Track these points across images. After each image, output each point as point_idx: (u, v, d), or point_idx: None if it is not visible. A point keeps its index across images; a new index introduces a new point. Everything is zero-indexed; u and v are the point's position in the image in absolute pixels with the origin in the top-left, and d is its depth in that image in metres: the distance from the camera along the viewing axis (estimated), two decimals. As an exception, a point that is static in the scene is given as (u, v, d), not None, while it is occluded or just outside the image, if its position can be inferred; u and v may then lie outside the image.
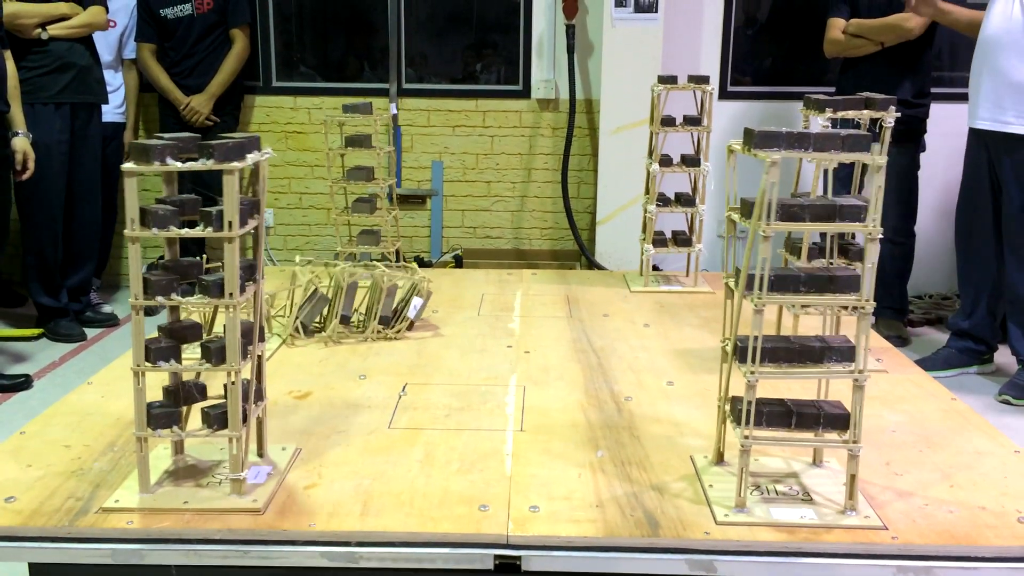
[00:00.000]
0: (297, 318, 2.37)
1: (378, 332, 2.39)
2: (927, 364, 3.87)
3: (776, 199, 1.44)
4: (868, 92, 2.20)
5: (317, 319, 2.42)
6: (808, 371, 1.51)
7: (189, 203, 1.53)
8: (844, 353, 1.50)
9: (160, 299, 1.49)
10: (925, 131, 4.32)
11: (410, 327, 2.45)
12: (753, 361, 1.47)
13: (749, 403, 1.49)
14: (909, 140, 4.26)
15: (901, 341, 4.37)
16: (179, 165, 1.45)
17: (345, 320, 2.40)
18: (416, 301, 2.44)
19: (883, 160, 1.50)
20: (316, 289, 2.42)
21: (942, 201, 4.96)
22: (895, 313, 4.50)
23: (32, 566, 1.57)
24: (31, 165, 3.96)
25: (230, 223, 1.45)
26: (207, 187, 4.22)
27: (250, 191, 1.57)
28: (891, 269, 4.40)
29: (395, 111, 5.17)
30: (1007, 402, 3.74)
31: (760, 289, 1.46)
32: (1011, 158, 3.70)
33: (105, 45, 4.61)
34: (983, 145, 3.81)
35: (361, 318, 2.43)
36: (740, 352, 1.51)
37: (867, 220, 1.47)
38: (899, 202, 4.33)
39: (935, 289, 5.19)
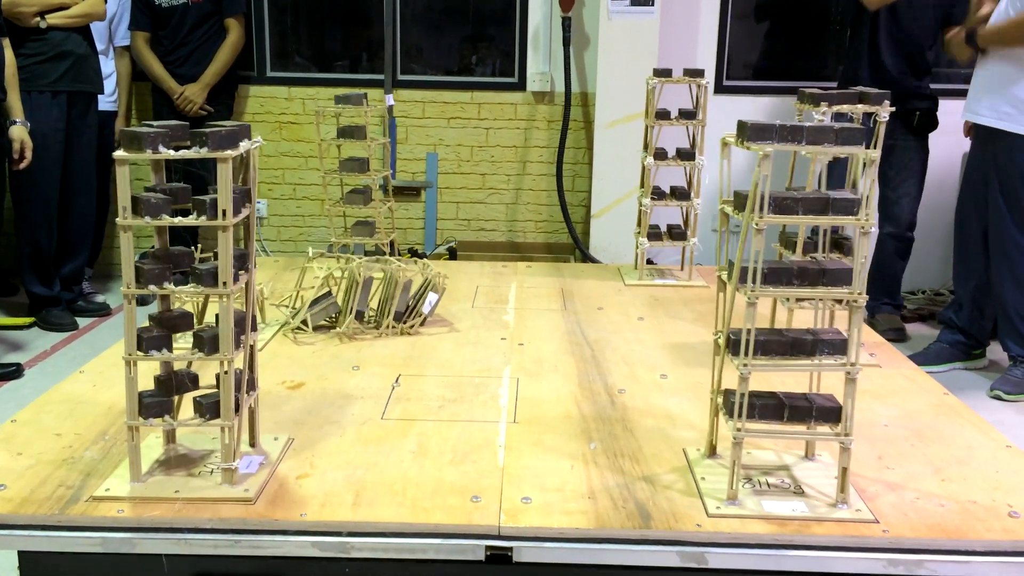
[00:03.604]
0: (301, 313, 2.35)
1: (392, 327, 2.38)
2: (918, 359, 3.88)
3: (768, 192, 1.44)
4: (890, 86, 2.17)
5: (325, 320, 2.40)
6: (800, 364, 1.51)
7: (180, 192, 1.52)
8: (836, 346, 1.50)
9: (152, 288, 1.48)
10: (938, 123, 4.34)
11: (423, 323, 2.43)
12: (746, 354, 1.47)
13: (742, 396, 1.49)
14: (926, 132, 4.28)
15: (899, 335, 4.38)
16: (172, 153, 1.45)
17: (359, 315, 2.38)
18: (431, 297, 2.42)
19: (876, 154, 1.50)
20: (329, 291, 2.40)
21: (934, 196, 4.97)
22: (893, 308, 4.51)
23: (22, 555, 1.57)
24: (28, 154, 3.95)
25: (224, 212, 1.45)
26: (195, 175, 4.21)
27: (240, 179, 1.56)
28: (895, 264, 4.42)
29: (391, 102, 5.15)
30: (999, 397, 3.75)
31: (753, 282, 1.46)
32: (988, 150, 3.72)
33: (95, 32, 4.59)
34: (978, 139, 3.83)
35: (372, 313, 2.41)
36: (733, 345, 1.51)
37: (860, 214, 1.47)
38: (915, 196, 4.35)
39: (928, 284, 5.21)
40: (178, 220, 1.47)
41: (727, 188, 1.61)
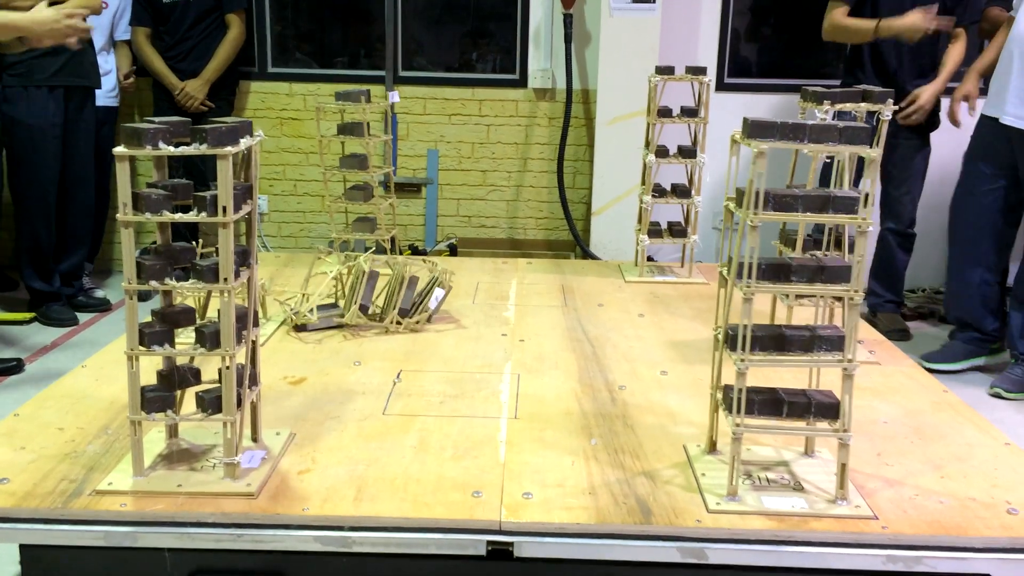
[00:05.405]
0: (305, 308, 2.35)
1: (397, 323, 2.37)
2: (935, 358, 3.89)
3: (764, 189, 1.44)
4: (895, 87, 2.17)
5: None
6: (797, 360, 1.52)
7: (181, 188, 1.52)
8: (833, 342, 1.51)
9: (153, 284, 1.49)
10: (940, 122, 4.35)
11: (429, 319, 2.43)
12: (743, 349, 1.48)
13: (740, 391, 1.49)
14: (929, 131, 4.29)
15: (903, 335, 4.37)
16: (171, 149, 1.45)
17: (364, 309, 2.38)
18: (438, 292, 2.42)
19: (878, 153, 1.51)
20: (335, 303, 2.38)
21: (933, 195, 4.97)
22: (895, 306, 4.51)
23: (24, 548, 1.57)
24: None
25: (224, 208, 1.45)
26: (200, 171, 4.22)
27: (242, 176, 1.56)
28: (899, 260, 4.42)
29: (396, 99, 5.15)
30: (999, 395, 3.74)
31: (749, 277, 1.46)
32: None
33: (96, 28, 4.58)
34: (1005, 138, 3.78)
35: (377, 310, 2.41)
36: (730, 340, 1.51)
37: (859, 212, 1.47)
38: (917, 194, 4.37)
39: (928, 282, 5.20)
40: (179, 216, 1.47)
41: (734, 185, 1.61)
